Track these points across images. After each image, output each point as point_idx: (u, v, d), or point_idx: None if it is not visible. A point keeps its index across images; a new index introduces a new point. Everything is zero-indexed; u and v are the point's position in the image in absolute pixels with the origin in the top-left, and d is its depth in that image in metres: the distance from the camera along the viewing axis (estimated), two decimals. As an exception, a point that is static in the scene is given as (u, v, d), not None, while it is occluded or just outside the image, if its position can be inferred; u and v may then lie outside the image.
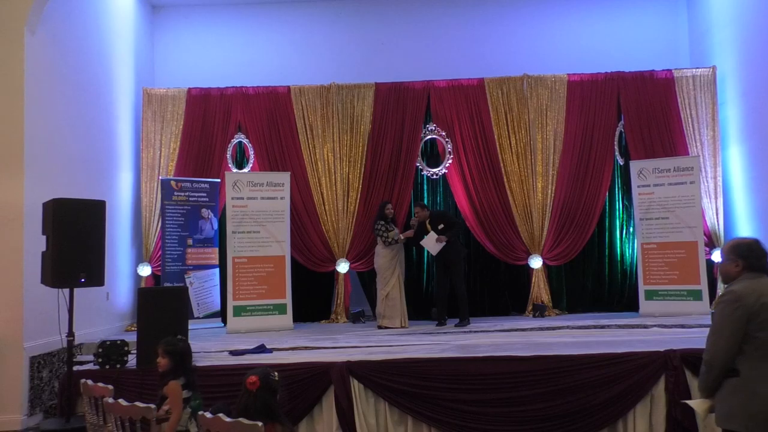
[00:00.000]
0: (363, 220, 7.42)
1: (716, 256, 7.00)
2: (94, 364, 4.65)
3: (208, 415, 2.59)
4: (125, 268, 7.20)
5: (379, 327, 6.46)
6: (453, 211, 7.61)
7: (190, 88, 7.59)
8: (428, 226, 6.55)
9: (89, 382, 3.42)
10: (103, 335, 6.05)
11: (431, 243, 6.47)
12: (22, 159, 5.13)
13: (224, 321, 6.96)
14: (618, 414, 4.34)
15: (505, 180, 7.36)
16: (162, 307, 4.68)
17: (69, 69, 6.00)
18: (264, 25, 8.15)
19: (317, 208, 7.45)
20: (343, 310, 7.29)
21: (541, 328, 5.98)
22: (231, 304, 6.69)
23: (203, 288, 7.20)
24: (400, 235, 6.56)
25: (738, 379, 2.48)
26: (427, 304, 7.42)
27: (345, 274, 7.35)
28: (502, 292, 7.49)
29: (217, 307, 7.24)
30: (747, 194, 6.97)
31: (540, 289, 7.21)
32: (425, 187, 7.75)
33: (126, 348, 4.64)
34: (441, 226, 6.49)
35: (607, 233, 7.60)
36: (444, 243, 6.41)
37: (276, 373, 2.84)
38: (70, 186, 5.66)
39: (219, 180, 7.36)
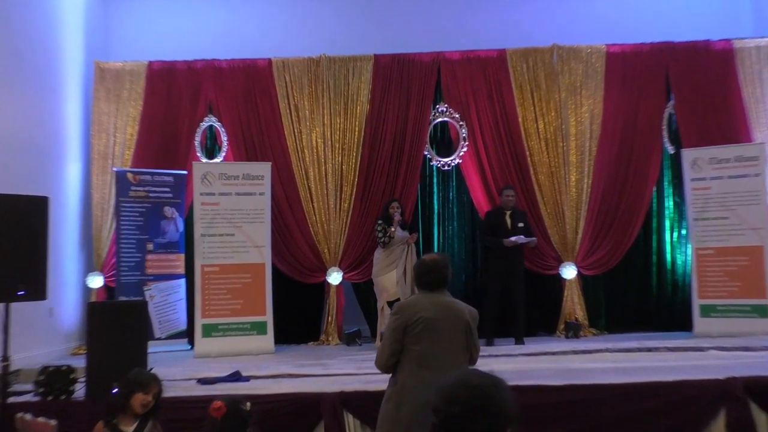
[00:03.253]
0: (359, 220, 7.42)
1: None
2: (35, 395, 4.63)
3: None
4: (72, 279, 7.19)
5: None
6: (468, 208, 7.65)
7: (150, 62, 7.58)
8: (507, 219, 6.78)
9: (27, 416, 3.40)
10: (45, 359, 6.01)
11: (523, 238, 6.71)
12: (-53, 146, 5.12)
13: (191, 343, 6.96)
14: (668, 455, 4.33)
15: (531, 172, 7.37)
16: (116, 326, 4.68)
17: (3, 38, 5.96)
18: (240, -15, 8.17)
19: (304, 205, 7.44)
20: (335, 329, 7.29)
21: (575, 352, 6.00)
22: (200, 322, 6.68)
23: (166, 302, 7.19)
24: (391, 229, 6.61)
25: (394, 387, 3.13)
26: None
27: (337, 285, 7.36)
28: (528, 308, 7.43)
29: (183, 326, 7.24)
30: (823, 189, 6.95)
31: (574, 304, 7.22)
32: (435, 180, 7.78)
33: (73, 375, 4.63)
34: (521, 225, 6.77)
35: (654, 236, 7.61)
36: (532, 243, 6.78)
37: (248, 403, 2.84)
38: (5, 179, 5.64)
39: (185, 172, 7.37)
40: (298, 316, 7.52)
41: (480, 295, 7.37)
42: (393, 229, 6.67)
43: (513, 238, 6.66)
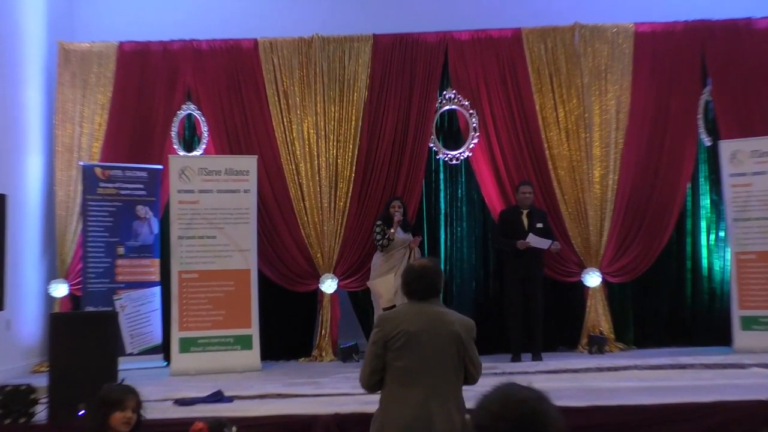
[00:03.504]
0: (357, 221, 7.43)
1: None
2: (-9, 417, 4.61)
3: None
4: (33, 287, 7.17)
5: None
6: (479, 207, 7.66)
7: (122, 43, 7.58)
8: (524, 219, 6.81)
9: (-17, 441, 3.40)
10: (2, 378, 5.98)
11: (538, 241, 6.72)
12: None
13: (167, 359, 6.95)
14: (705, 485, 4.35)
15: (550, 166, 7.38)
16: (83, 340, 4.68)
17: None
18: (222, -43, 8.14)
19: (294, 205, 7.44)
20: (329, 344, 7.28)
21: (600, 369, 6.02)
22: (177, 335, 6.68)
23: (139, 313, 7.18)
24: (391, 230, 6.65)
25: (378, 409, 3.16)
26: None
27: (332, 294, 7.35)
28: (546, 320, 7.37)
29: (158, 340, 7.23)
30: None
31: (598, 316, 7.21)
32: (441, 175, 7.78)
33: (33, 395, 4.61)
34: (540, 225, 6.81)
35: (689, 239, 7.61)
36: (555, 248, 6.81)
37: (234, 428, 2.84)
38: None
39: (161, 167, 7.35)
40: (287, 329, 7.50)
41: (492, 305, 7.48)
42: (393, 230, 6.67)
43: (528, 239, 6.67)
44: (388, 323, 3.15)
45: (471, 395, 2.15)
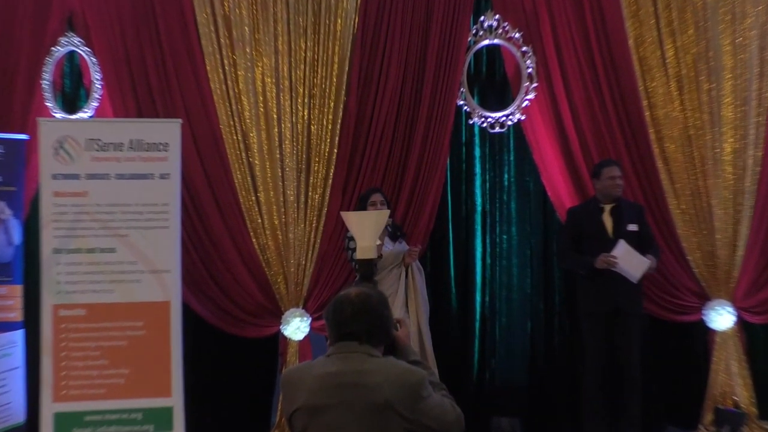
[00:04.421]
0: (341, 224, 7.29)
1: None
2: None
3: None
4: None
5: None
6: (537, 202, 7.77)
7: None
8: (606, 220, 6.79)
9: None
10: None
11: (632, 260, 6.62)
12: None
13: (36, 446, 6.97)
14: None
15: (651, 137, 7.38)
16: None
17: None
18: None
19: (242, 199, 7.40)
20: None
21: None
22: (50, 408, 6.61)
23: (-10, 374, 7.18)
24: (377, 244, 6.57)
25: None
26: (473, 400, 7.41)
27: (301, 341, 7.38)
28: (647, 383, 7.36)
29: (20, 416, 7.22)
30: None
31: (730, 376, 7.25)
32: (477, 151, 7.85)
33: None
34: (634, 228, 6.77)
35: None
36: (652, 268, 6.78)
37: None
38: None
39: (26, 137, 7.33)
40: (231, 397, 7.54)
41: (558, 358, 7.65)
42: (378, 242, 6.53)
43: (614, 252, 6.56)
44: (288, 389, 3.29)
45: None
